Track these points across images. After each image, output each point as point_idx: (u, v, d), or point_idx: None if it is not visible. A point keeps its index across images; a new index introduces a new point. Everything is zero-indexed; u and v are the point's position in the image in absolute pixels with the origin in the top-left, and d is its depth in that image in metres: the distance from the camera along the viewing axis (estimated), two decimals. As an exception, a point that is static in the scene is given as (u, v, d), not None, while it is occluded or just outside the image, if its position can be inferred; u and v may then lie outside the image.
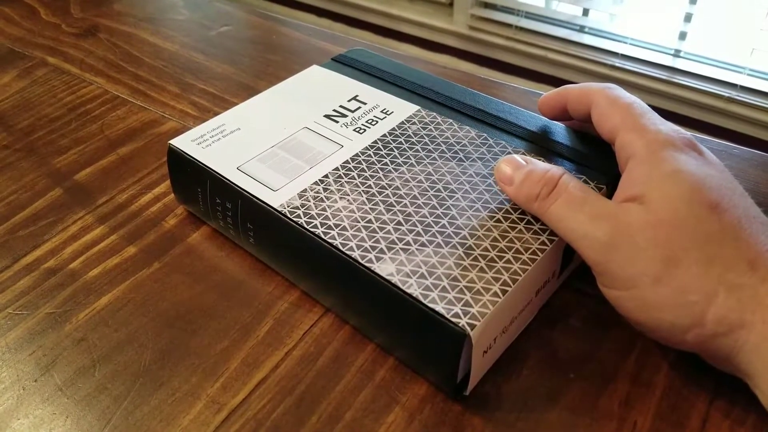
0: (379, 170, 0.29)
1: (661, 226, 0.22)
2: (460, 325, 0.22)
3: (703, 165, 0.23)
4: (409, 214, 0.27)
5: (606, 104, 0.26)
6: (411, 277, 0.24)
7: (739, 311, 0.21)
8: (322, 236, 0.26)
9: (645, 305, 0.22)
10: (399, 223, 0.26)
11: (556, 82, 1.41)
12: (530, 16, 1.41)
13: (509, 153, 0.30)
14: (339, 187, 0.28)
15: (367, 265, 0.25)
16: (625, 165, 0.25)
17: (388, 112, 0.33)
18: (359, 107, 0.33)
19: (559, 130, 0.31)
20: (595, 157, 0.29)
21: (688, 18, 1.23)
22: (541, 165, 0.26)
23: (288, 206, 0.27)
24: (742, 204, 0.23)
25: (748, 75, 1.20)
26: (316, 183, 0.28)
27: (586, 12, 1.37)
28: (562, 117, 0.30)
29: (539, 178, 0.25)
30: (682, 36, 1.25)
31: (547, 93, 0.30)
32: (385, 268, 0.24)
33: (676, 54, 1.27)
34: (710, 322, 0.21)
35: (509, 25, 1.42)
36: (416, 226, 0.26)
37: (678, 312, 0.22)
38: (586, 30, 1.37)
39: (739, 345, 0.21)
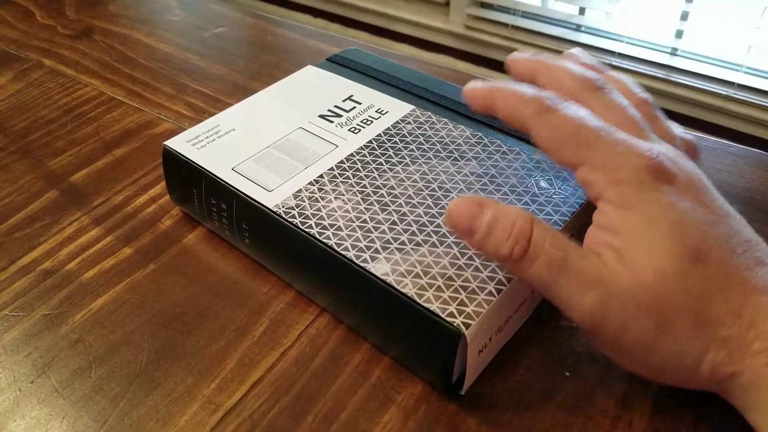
0: (374, 170, 0.29)
1: (650, 291, 0.20)
2: (455, 324, 0.22)
3: (676, 200, 0.21)
4: (404, 214, 0.27)
5: (548, 136, 0.22)
6: (406, 277, 0.24)
7: (729, 364, 0.21)
8: (317, 236, 0.26)
9: (640, 366, 0.22)
10: (394, 222, 0.26)
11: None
12: (527, 15, 1.41)
13: (491, 153, 0.30)
14: (334, 187, 0.28)
15: (362, 265, 0.25)
16: (593, 201, 0.22)
17: (382, 112, 0.33)
18: (354, 107, 0.33)
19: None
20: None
21: (684, 16, 1.23)
22: (503, 210, 0.22)
23: (283, 206, 0.27)
24: (722, 235, 0.21)
25: (745, 73, 1.20)
26: (311, 183, 0.28)
27: (582, 11, 1.37)
28: (492, 118, 0.26)
29: (507, 233, 0.21)
30: (679, 34, 1.25)
31: (474, 86, 0.24)
32: (380, 268, 0.24)
33: (673, 52, 1.28)
34: (704, 375, 0.21)
35: (506, 25, 1.42)
36: (411, 226, 0.26)
37: (674, 369, 0.22)
38: (583, 29, 1.37)
39: (731, 389, 0.21)
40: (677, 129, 0.26)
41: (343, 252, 0.25)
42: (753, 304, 0.21)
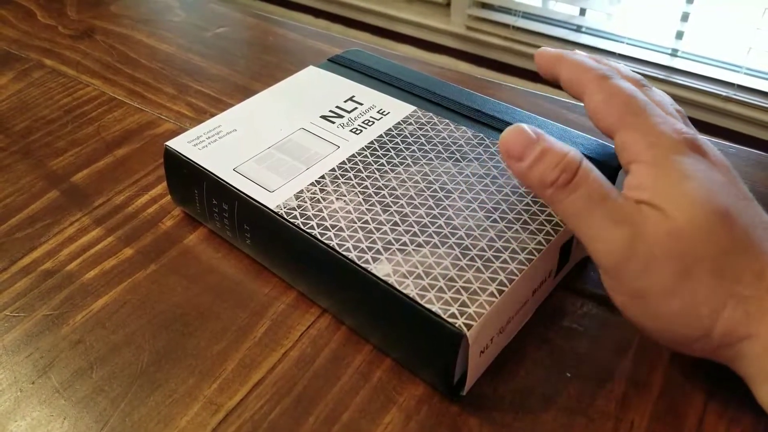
0: (376, 171, 0.29)
1: (678, 236, 0.21)
2: (456, 325, 0.22)
3: (708, 169, 0.22)
4: (406, 215, 0.27)
5: (602, 99, 0.24)
6: (408, 278, 0.24)
7: (746, 323, 0.21)
8: (319, 237, 0.26)
9: (653, 315, 0.22)
10: (396, 223, 0.26)
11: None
12: (527, 16, 1.41)
13: (492, 154, 0.30)
14: (335, 188, 0.28)
15: (363, 265, 0.25)
16: (627, 165, 0.24)
17: (384, 113, 0.33)
18: (355, 108, 0.33)
19: (556, 131, 0.31)
20: (592, 159, 0.29)
21: (685, 17, 1.23)
22: (557, 144, 0.23)
23: (284, 207, 0.27)
24: (748, 210, 0.22)
25: (746, 74, 1.20)
26: (312, 184, 0.28)
27: (583, 12, 1.37)
28: (555, 81, 0.28)
29: (557, 162, 0.23)
30: (680, 35, 1.25)
31: (545, 50, 0.27)
32: (381, 269, 0.24)
33: (674, 53, 1.28)
34: (718, 334, 0.21)
35: (506, 25, 1.42)
36: (413, 227, 0.26)
37: (687, 324, 0.22)
38: (584, 30, 1.37)
39: (743, 354, 0.21)
40: None
41: (344, 253, 0.25)
42: None
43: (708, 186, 0.22)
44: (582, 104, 0.26)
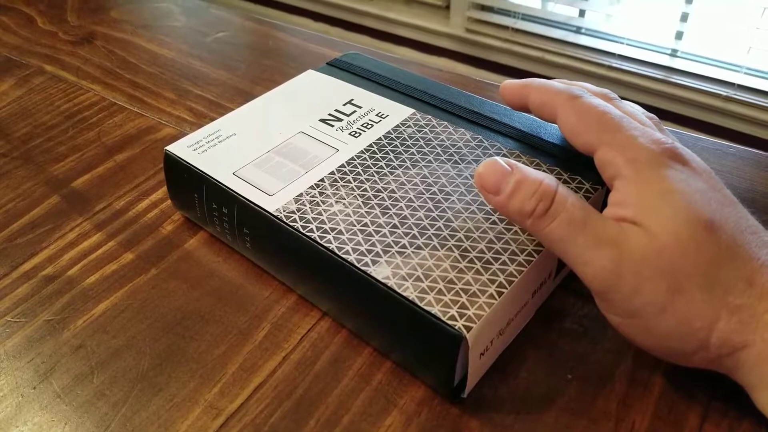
0: (375, 174, 0.29)
1: (664, 253, 0.21)
2: (456, 327, 0.22)
3: (690, 178, 0.22)
4: (405, 217, 0.27)
5: (575, 119, 0.25)
6: (407, 280, 0.24)
7: (740, 333, 0.21)
8: (318, 240, 0.26)
9: (648, 332, 0.22)
10: (395, 226, 0.26)
11: (554, 83, 1.41)
12: (527, 17, 1.42)
13: (491, 156, 0.30)
14: (335, 191, 0.28)
15: (363, 268, 0.25)
16: (610, 181, 0.24)
17: (383, 116, 0.33)
18: (354, 111, 0.33)
19: (554, 131, 0.31)
20: (590, 161, 0.29)
21: (684, 17, 1.23)
22: (531, 173, 0.23)
23: (284, 211, 0.27)
24: (733, 215, 0.22)
25: (745, 74, 1.20)
26: (311, 187, 0.28)
27: (582, 13, 1.37)
28: (525, 111, 0.28)
29: (533, 191, 0.23)
30: (679, 35, 1.25)
31: (510, 82, 0.28)
32: (381, 272, 0.24)
33: (673, 54, 1.28)
34: (714, 345, 0.21)
35: (506, 27, 1.42)
36: (412, 229, 0.26)
37: (682, 339, 0.22)
38: (583, 31, 1.37)
39: (741, 363, 0.21)
40: None
41: (344, 256, 0.25)
42: (763, 278, 0.21)
43: (690, 197, 0.22)
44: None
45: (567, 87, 0.26)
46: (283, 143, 0.31)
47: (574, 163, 0.29)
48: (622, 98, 0.27)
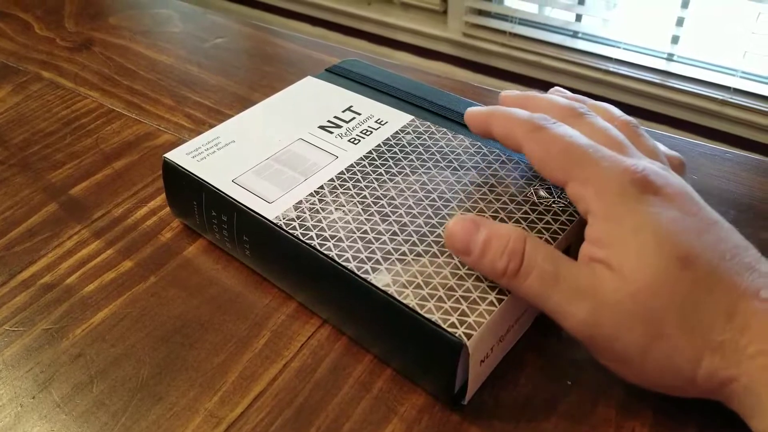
0: (374, 180, 0.29)
1: (638, 298, 0.21)
2: (456, 335, 0.22)
3: (663, 209, 0.22)
4: (405, 224, 0.27)
5: (540, 153, 0.24)
6: (407, 288, 0.24)
7: (726, 368, 0.21)
8: (318, 248, 0.26)
9: (638, 374, 0.22)
10: (394, 233, 0.26)
11: (551, 87, 1.42)
12: (524, 22, 1.42)
13: (490, 162, 0.30)
14: (334, 198, 0.28)
15: (363, 276, 0.25)
16: (584, 215, 0.23)
17: (382, 122, 0.33)
18: (353, 118, 0.33)
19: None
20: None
21: (680, 22, 1.24)
22: (498, 230, 0.23)
23: (283, 218, 0.27)
24: (710, 242, 0.21)
25: (741, 77, 1.20)
26: (311, 194, 0.28)
27: (579, 17, 1.37)
28: (491, 138, 0.27)
29: (501, 250, 0.23)
30: (675, 40, 1.26)
31: (474, 110, 0.27)
32: (381, 279, 0.24)
33: (669, 58, 1.28)
34: (701, 380, 0.21)
35: (503, 32, 1.43)
36: (412, 236, 0.26)
37: (670, 377, 0.22)
38: (580, 35, 1.37)
39: (731, 395, 0.21)
40: (662, 147, 0.27)
41: (344, 263, 0.25)
42: (744, 308, 0.21)
43: (663, 232, 0.21)
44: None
45: (530, 117, 0.25)
46: (283, 150, 0.31)
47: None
48: (612, 102, 0.27)
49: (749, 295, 0.21)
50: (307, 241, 0.26)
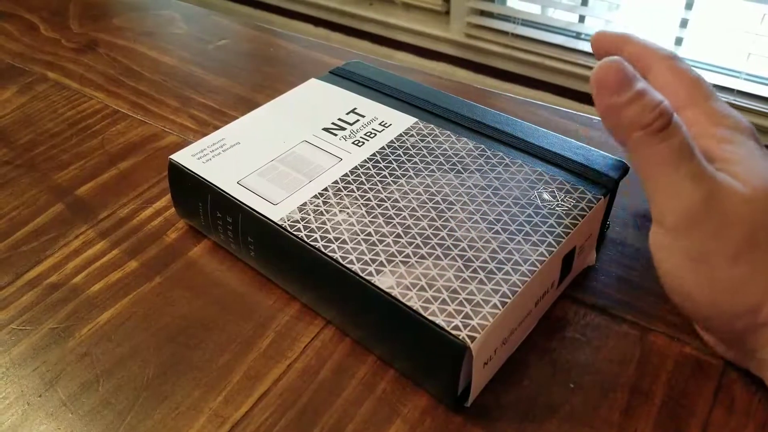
0: (378, 183, 0.29)
1: (753, 204, 0.22)
2: (460, 337, 0.22)
3: (765, 153, 0.24)
4: (409, 227, 0.27)
5: (670, 77, 0.25)
6: (411, 290, 0.24)
7: None
8: (323, 249, 0.26)
9: (709, 282, 0.22)
10: (398, 235, 0.27)
11: (554, 88, 1.42)
12: (526, 23, 1.42)
13: (494, 165, 0.30)
14: (338, 200, 0.28)
15: (367, 278, 0.25)
16: (688, 139, 0.23)
17: (386, 125, 0.33)
18: (357, 120, 0.34)
19: (557, 141, 0.31)
20: (593, 170, 0.29)
21: (684, 24, 1.24)
22: (652, 89, 0.22)
23: (288, 220, 0.27)
24: None
25: (745, 80, 1.20)
26: (315, 196, 0.29)
27: (582, 19, 1.37)
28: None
29: (654, 105, 0.22)
30: (679, 41, 1.26)
31: (604, 32, 0.28)
32: (385, 281, 0.25)
33: (673, 59, 1.28)
34: (762, 316, 0.21)
35: (505, 33, 1.43)
36: (415, 239, 0.26)
37: (740, 294, 0.22)
38: (583, 36, 1.37)
39: None
40: None
41: (348, 265, 0.25)
42: None
43: None
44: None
45: (665, 48, 0.26)
46: (287, 152, 0.31)
47: (578, 174, 0.29)
48: None
49: None
50: (312, 243, 0.26)
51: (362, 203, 0.28)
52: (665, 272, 0.24)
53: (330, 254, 0.26)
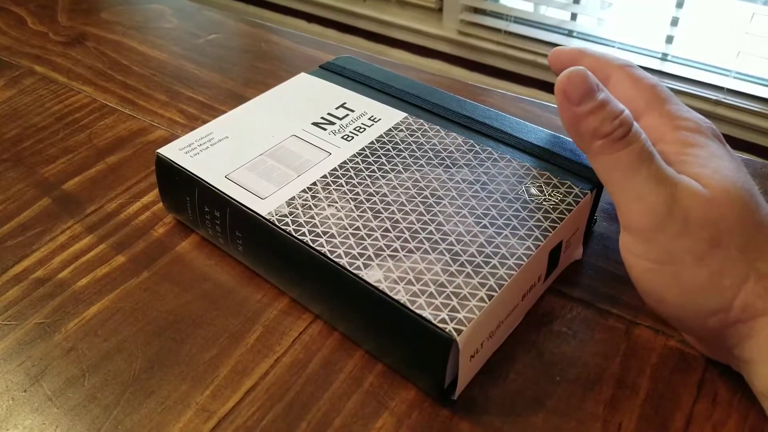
0: (367, 177, 0.29)
1: (715, 205, 0.22)
2: (446, 330, 0.22)
3: (731, 156, 0.24)
4: (397, 221, 0.27)
5: (628, 84, 0.26)
6: (398, 284, 0.24)
7: (764, 299, 0.21)
8: (311, 244, 0.26)
9: (678, 283, 0.22)
10: (386, 230, 0.27)
11: (546, 86, 1.42)
12: (519, 20, 1.42)
13: (482, 160, 0.30)
14: (327, 195, 0.28)
15: (354, 272, 0.25)
16: (651, 144, 0.24)
17: (375, 120, 0.33)
18: (347, 115, 0.34)
19: (545, 137, 0.31)
20: (580, 165, 0.30)
21: (674, 22, 1.24)
22: (614, 99, 0.23)
23: (276, 214, 0.27)
24: (761, 198, 0.23)
25: (735, 78, 1.21)
26: (304, 191, 0.29)
27: (574, 17, 1.38)
28: None
29: (615, 115, 0.23)
30: (669, 40, 1.26)
31: (561, 48, 0.28)
32: (372, 275, 0.25)
33: (664, 58, 1.29)
34: (737, 307, 0.22)
35: (498, 30, 1.43)
36: (403, 233, 0.26)
37: (709, 294, 0.22)
38: (575, 34, 1.38)
39: (754, 332, 0.22)
40: None
41: (336, 259, 0.25)
42: None
43: (735, 168, 0.23)
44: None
45: (620, 57, 0.27)
46: (276, 146, 0.31)
47: (566, 169, 0.29)
48: None
49: None
50: (300, 237, 0.26)
51: (351, 197, 0.28)
52: (636, 277, 0.24)
53: (318, 248, 0.26)
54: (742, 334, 0.22)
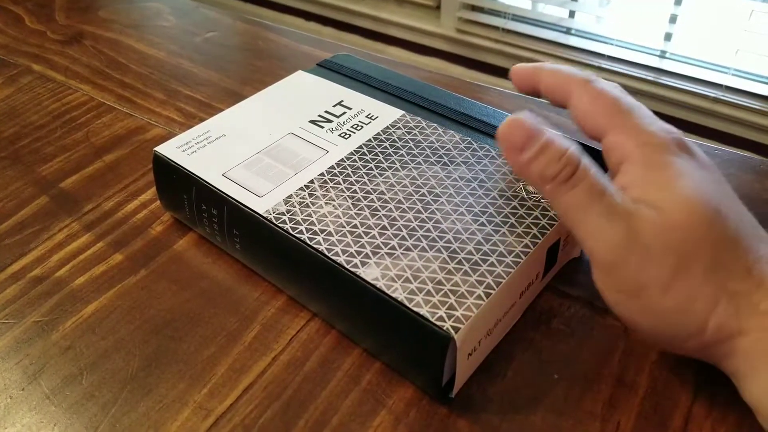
0: (364, 175, 0.29)
1: (675, 231, 0.21)
2: (444, 328, 0.22)
3: (698, 168, 0.23)
4: (394, 219, 0.27)
5: (589, 101, 0.25)
6: (396, 282, 0.24)
7: (737, 319, 0.21)
8: (308, 242, 0.26)
9: (649, 312, 0.22)
10: (384, 227, 0.27)
11: (544, 83, 1.42)
12: (517, 18, 1.42)
13: (480, 158, 0.30)
14: (324, 193, 0.28)
15: (352, 270, 0.25)
16: (616, 165, 0.24)
17: (372, 117, 0.33)
18: (344, 112, 0.34)
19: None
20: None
21: (673, 19, 1.24)
22: (558, 138, 0.23)
23: (273, 212, 0.27)
24: (734, 207, 0.23)
25: (733, 75, 1.21)
26: (301, 189, 0.29)
27: (572, 14, 1.38)
28: (534, 95, 0.28)
29: (558, 156, 0.23)
30: (668, 37, 1.26)
31: (520, 66, 0.28)
32: (370, 273, 0.25)
33: (662, 55, 1.29)
34: (711, 330, 0.21)
35: (496, 28, 1.43)
36: (401, 231, 0.26)
37: (681, 320, 0.22)
38: (573, 32, 1.38)
39: (733, 350, 0.22)
40: None
41: (333, 257, 0.25)
42: (760, 270, 0.21)
43: (699, 184, 0.22)
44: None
45: (580, 72, 0.26)
46: (273, 144, 0.31)
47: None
48: None
49: (765, 261, 0.22)
50: (297, 235, 0.26)
51: (348, 195, 0.28)
52: (610, 306, 0.24)
53: (315, 246, 0.26)
54: (722, 353, 0.22)
